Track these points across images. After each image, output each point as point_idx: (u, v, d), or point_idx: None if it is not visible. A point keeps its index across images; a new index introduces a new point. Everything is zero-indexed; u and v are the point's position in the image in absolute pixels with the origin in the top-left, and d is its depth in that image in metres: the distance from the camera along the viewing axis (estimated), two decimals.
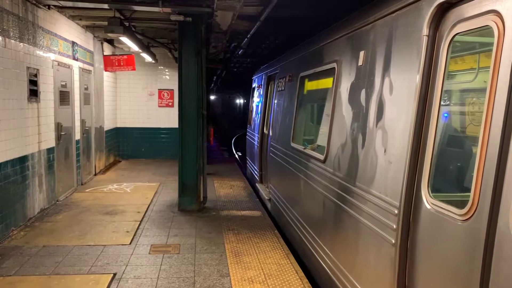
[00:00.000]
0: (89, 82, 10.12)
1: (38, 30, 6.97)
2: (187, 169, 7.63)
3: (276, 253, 5.63)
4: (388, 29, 3.31)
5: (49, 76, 7.46)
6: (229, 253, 5.56)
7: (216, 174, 11.26)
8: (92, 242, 5.89)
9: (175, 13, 7.12)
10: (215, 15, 6.96)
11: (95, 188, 9.31)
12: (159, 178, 10.52)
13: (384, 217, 3.08)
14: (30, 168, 6.69)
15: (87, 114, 9.85)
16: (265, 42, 12.94)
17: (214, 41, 9.89)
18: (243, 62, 19.48)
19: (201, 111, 7.56)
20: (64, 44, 8.29)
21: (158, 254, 5.49)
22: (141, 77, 13.39)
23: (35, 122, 6.88)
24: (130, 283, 4.64)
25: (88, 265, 5.09)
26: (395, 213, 2.90)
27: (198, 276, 4.84)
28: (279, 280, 4.79)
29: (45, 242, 5.82)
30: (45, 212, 7.23)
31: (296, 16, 9.17)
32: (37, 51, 6.95)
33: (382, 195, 3.17)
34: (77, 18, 8.74)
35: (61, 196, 8.11)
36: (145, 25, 9.17)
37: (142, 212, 7.43)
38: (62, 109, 8.11)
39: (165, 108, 13.63)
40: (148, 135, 13.64)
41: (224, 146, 22.42)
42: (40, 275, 4.76)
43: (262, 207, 8.03)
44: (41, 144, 7.10)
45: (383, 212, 3.10)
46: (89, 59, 10.11)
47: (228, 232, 6.46)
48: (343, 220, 3.99)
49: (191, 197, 7.66)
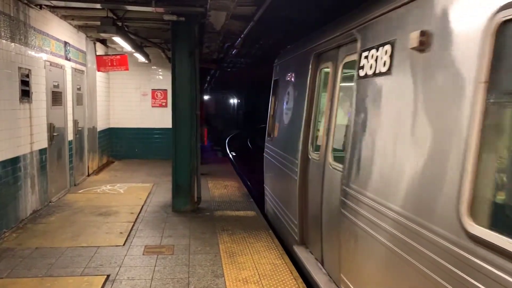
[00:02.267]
0: (82, 82, 10.06)
1: (30, 30, 6.92)
2: (180, 170, 7.61)
3: (270, 253, 5.62)
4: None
5: (41, 76, 7.40)
6: (224, 254, 5.55)
7: (210, 175, 11.23)
8: (86, 243, 5.85)
9: (168, 13, 7.10)
10: (209, 15, 6.94)
11: (88, 189, 9.25)
12: (152, 178, 10.48)
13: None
14: (22, 169, 6.63)
15: (80, 115, 9.79)
16: (258, 43, 12.94)
17: (208, 41, 9.87)
18: (237, 62, 19.47)
19: (194, 112, 7.55)
20: (57, 44, 8.23)
21: (152, 255, 5.47)
22: (134, 77, 13.32)
23: (27, 123, 6.82)
24: (124, 284, 4.61)
25: (81, 266, 5.05)
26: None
27: (192, 277, 4.82)
28: (274, 280, 4.78)
29: (37, 244, 5.77)
30: (37, 213, 7.17)
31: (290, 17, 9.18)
32: (29, 51, 6.89)
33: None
34: (69, 18, 8.69)
35: (54, 197, 8.05)
36: (138, 25, 9.13)
37: (135, 213, 7.39)
38: (54, 109, 8.05)
39: (159, 108, 13.59)
40: (142, 136, 13.59)
41: (218, 146, 22.39)
42: (33, 277, 4.72)
43: (256, 207, 8.02)
44: (33, 145, 7.04)
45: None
46: (82, 59, 10.05)
47: (222, 232, 6.45)
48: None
49: (185, 197, 7.64)
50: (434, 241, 2.41)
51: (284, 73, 6.88)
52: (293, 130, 5.74)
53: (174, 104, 7.54)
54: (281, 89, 7.00)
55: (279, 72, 7.34)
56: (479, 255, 2.05)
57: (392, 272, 2.95)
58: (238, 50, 13.65)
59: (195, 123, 7.58)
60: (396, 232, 2.86)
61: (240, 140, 29.51)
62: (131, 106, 13.48)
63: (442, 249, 2.33)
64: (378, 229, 3.13)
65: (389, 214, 2.96)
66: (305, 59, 5.54)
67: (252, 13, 7.59)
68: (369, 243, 3.29)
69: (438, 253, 2.37)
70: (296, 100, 5.91)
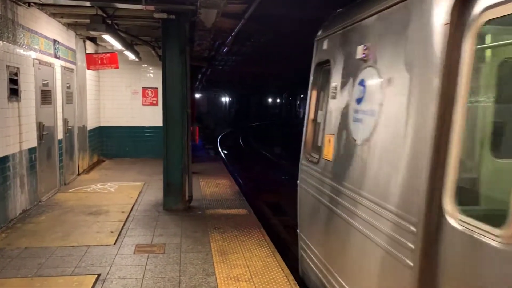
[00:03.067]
0: (72, 80, 9.97)
1: (18, 28, 6.84)
2: (172, 168, 7.59)
3: (262, 251, 5.63)
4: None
5: (30, 74, 7.33)
6: (215, 252, 5.55)
7: (202, 173, 11.21)
8: (76, 243, 5.81)
9: (158, 11, 7.06)
10: (199, 13, 6.92)
11: (78, 188, 9.19)
12: (143, 177, 10.44)
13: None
14: (11, 168, 6.56)
15: (69, 113, 9.71)
16: (250, 40, 12.94)
17: (198, 39, 9.84)
18: (228, 60, 19.48)
19: (185, 110, 7.53)
20: (45, 42, 8.15)
21: (143, 254, 5.45)
22: (124, 76, 13.23)
23: (16, 122, 6.75)
24: (115, 283, 4.59)
25: (71, 266, 5.02)
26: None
27: (183, 276, 4.81)
28: (265, 277, 4.80)
29: (27, 244, 5.72)
30: (27, 213, 7.10)
31: (281, 14, 9.19)
32: (17, 49, 6.82)
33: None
34: (58, 15, 8.60)
35: (44, 197, 7.98)
36: (128, 23, 9.07)
37: (126, 212, 7.36)
38: (44, 108, 7.97)
39: (149, 107, 13.51)
40: (132, 134, 13.51)
41: (209, 145, 22.37)
42: (22, 277, 4.68)
43: (248, 205, 8.03)
44: (22, 144, 6.97)
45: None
46: (71, 57, 9.96)
47: (214, 231, 6.45)
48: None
49: (176, 196, 7.62)
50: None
51: (348, 49, 3.82)
52: (391, 155, 2.88)
53: (165, 102, 7.51)
54: (340, 76, 3.95)
55: (331, 48, 4.28)
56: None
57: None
58: (229, 48, 13.65)
59: (186, 121, 7.56)
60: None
61: (232, 139, 29.51)
62: (122, 105, 13.39)
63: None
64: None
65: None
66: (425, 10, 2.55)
67: (242, 11, 7.58)
68: None
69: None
70: (397, 95, 2.87)
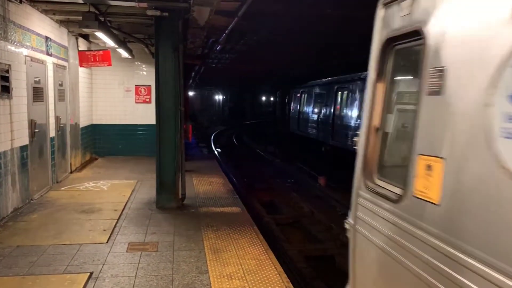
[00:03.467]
0: (64, 78, 9.90)
1: (9, 24, 6.77)
2: (165, 166, 7.57)
3: (255, 249, 5.64)
4: None
5: (21, 72, 7.27)
6: (208, 250, 5.55)
7: (195, 171, 11.20)
8: (68, 241, 5.78)
9: (151, 8, 7.02)
10: (192, 11, 6.90)
11: (71, 186, 9.14)
12: (136, 175, 10.40)
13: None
14: (3, 166, 6.51)
15: (62, 111, 9.64)
16: (243, 38, 12.93)
17: (192, 36, 9.81)
18: (222, 58, 19.44)
19: (179, 108, 7.51)
20: (37, 39, 8.08)
21: (136, 252, 5.43)
22: (117, 73, 13.15)
23: (7, 119, 6.69)
24: (107, 282, 4.58)
25: (64, 264, 5.00)
26: None
27: (176, 274, 4.81)
28: (258, 275, 4.81)
29: (19, 242, 5.68)
30: (19, 211, 7.05)
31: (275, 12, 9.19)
32: (9, 46, 6.75)
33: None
34: (50, 12, 8.53)
35: (36, 195, 7.93)
36: (121, 20, 9.01)
37: (119, 210, 7.33)
38: (35, 105, 7.91)
39: (142, 104, 13.46)
40: (125, 132, 13.44)
41: (203, 143, 22.33)
42: (14, 276, 4.65)
43: (241, 203, 8.03)
44: (14, 142, 6.91)
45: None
46: (64, 54, 9.89)
47: (207, 229, 6.44)
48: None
49: (170, 194, 7.60)
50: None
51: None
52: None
53: (158, 100, 7.48)
54: (452, 55, 1.94)
55: (428, 9, 2.14)
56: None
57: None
58: (222, 45, 13.63)
59: (179, 119, 7.54)
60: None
61: (225, 137, 29.48)
62: (115, 102, 13.32)
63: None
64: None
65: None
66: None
67: (236, 9, 7.57)
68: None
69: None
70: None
